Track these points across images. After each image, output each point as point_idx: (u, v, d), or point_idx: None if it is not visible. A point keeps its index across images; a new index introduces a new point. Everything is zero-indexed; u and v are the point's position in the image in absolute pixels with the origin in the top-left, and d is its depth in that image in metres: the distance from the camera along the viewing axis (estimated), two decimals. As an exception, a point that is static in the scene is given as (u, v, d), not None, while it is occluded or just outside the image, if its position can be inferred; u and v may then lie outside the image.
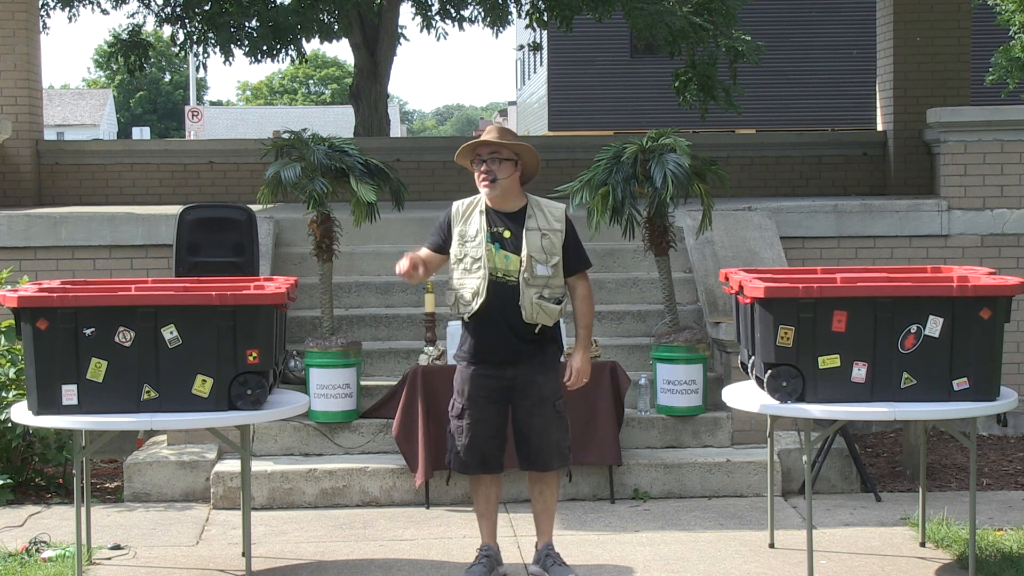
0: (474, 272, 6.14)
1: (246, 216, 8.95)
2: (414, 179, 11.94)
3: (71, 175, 12.49)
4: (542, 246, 6.16)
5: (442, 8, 18.16)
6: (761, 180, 12.58)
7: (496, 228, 6.17)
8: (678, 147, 8.25)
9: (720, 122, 21.32)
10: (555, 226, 6.22)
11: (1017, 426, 9.53)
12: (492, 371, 6.19)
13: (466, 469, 6.34)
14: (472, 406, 6.23)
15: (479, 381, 6.21)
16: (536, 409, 6.23)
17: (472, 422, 6.23)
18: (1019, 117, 9.79)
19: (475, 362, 6.21)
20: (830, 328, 6.01)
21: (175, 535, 7.24)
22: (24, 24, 11.81)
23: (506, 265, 6.13)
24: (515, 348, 6.16)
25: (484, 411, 6.23)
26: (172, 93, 73.96)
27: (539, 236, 6.17)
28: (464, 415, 6.25)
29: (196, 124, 44.87)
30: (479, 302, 6.11)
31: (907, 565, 6.58)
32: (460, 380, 6.29)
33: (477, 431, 6.24)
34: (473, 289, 6.13)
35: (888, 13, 12.29)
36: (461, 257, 6.18)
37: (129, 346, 5.97)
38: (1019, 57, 25.76)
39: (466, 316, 6.17)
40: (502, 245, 6.15)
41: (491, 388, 6.21)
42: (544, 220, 6.22)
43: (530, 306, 6.12)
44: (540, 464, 6.32)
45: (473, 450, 6.26)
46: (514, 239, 6.15)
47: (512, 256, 6.13)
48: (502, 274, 6.12)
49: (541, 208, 6.26)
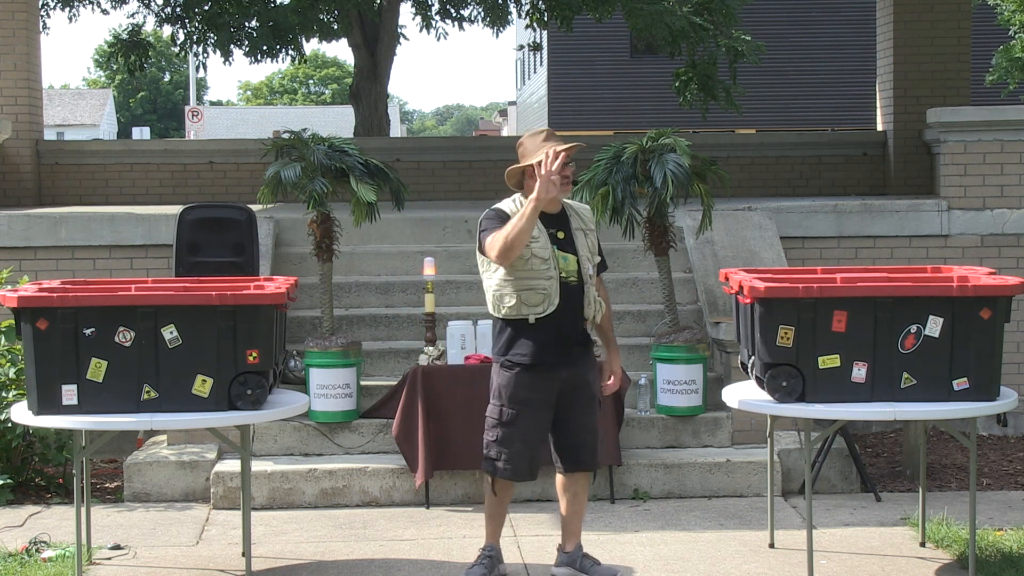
0: (543, 274, 5.99)
1: (246, 216, 8.95)
2: (414, 179, 11.94)
3: (71, 175, 12.50)
4: (588, 245, 6.17)
5: (442, 8, 18.17)
6: (761, 180, 12.58)
7: (551, 229, 6.09)
8: (678, 147, 8.26)
9: (720, 122, 21.31)
10: (590, 226, 6.26)
11: (1017, 426, 9.53)
12: (548, 373, 6.05)
13: (518, 476, 6.16)
14: (527, 411, 6.05)
15: (535, 384, 6.04)
16: (589, 408, 6.17)
17: (526, 427, 6.06)
18: (1019, 117, 9.80)
19: (532, 365, 6.02)
20: (830, 328, 6.01)
21: (175, 535, 7.24)
22: (24, 24, 11.82)
23: (566, 266, 6.05)
24: (572, 349, 6.09)
25: (538, 416, 6.08)
26: (172, 93, 73.96)
27: (584, 235, 6.17)
28: (516, 421, 6.06)
29: (196, 124, 44.86)
30: (556, 302, 6.00)
31: (907, 565, 6.58)
32: (513, 385, 6.07)
33: (531, 437, 6.10)
34: (545, 290, 5.98)
35: (888, 13, 12.29)
36: (528, 257, 5.97)
37: (129, 346, 5.97)
38: (1019, 57, 25.77)
39: (532, 318, 6.02)
40: (559, 246, 6.08)
41: (546, 390, 6.06)
42: (581, 221, 6.21)
43: (593, 303, 6.11)
44: (589, 463, 6.23)
45: (525, 456, 6.11)
46: (567, 239, 6.11)
47: (569, 256, 6.08)
48: (565, 274, 6.05)
49: (574, 209, 6.26)
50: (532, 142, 6.24)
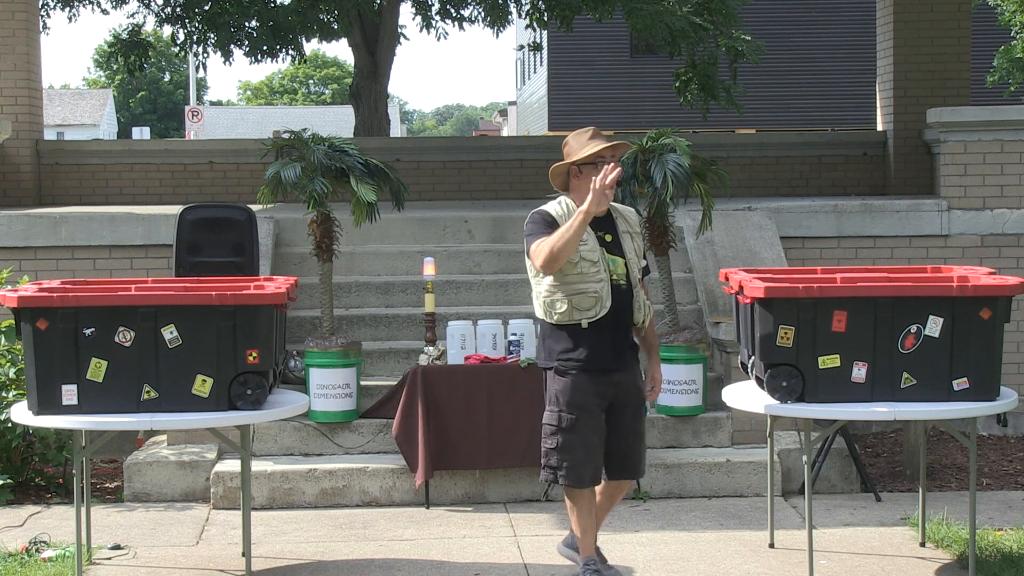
0: (593, 277, 5.89)
1: (246, 216, 8.95)
2: (414, 179, 11.95)
3: (71, 175, 12.50)
4: (635, 248, 6.08)
5: (442, 8, 18.17)
6: (761, 180, 12.58)
7: (599, 232, 5.98)
8: (678, 147, 8.26)
9: (720, 122, 21.33)
10: (637, 229, 6.16)
11: (1017, 426, 9.53)
12: (603, 377, 5.95)
13: (582, 483, 5.97)
14: (586, 415, 5.93)
15: (591, 388, 5.93)
16: (639, 414, 6.09)
17: (587, 432, 5.92)
18: (1019, 117, 9.80)
19: (587, 369, 5.92)
20: (830, 328, 6.01)
21: (175, 535, 7.24)
22: (24, 24, 11.82)
23: (615, 269, 5.96)
24: (623, 352, 6.02)
25: (597, 420, 5.96)
26: (172, 93, 73.95)
27: (630, 238, 6.09)
28: (576, 427, 5.92)
29: (196, 124, 44.85)
30: (608, 306, 5.90)
31: (907, 565, 6.58)
32: (571, 390, 5.95)
33: (592, 442, 5.97)
34: (596, 294, 5.88)
35: (888, 13, 12.29)
36: (576, 261, 5.86)
37: (129, 346, 5.97)
38: (1020, 58, 25.77)
39: (585, 322, 5.91)
40: (608, 249, 5.99)
41: (602, 395, 5.96)
42: (627, 224, 6.11)
43: (643, 307, 6.04)
44: (637, 470, 6.15)
45: (589, 462, 5.95)
46: (615, 242, 6.02)
47: (618, 259, 5.99)
48: (615, 277, 5.96)
49: (620, 212, 6.15)
50: (577, 141, 6.06)
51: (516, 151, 13.06)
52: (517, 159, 12.79)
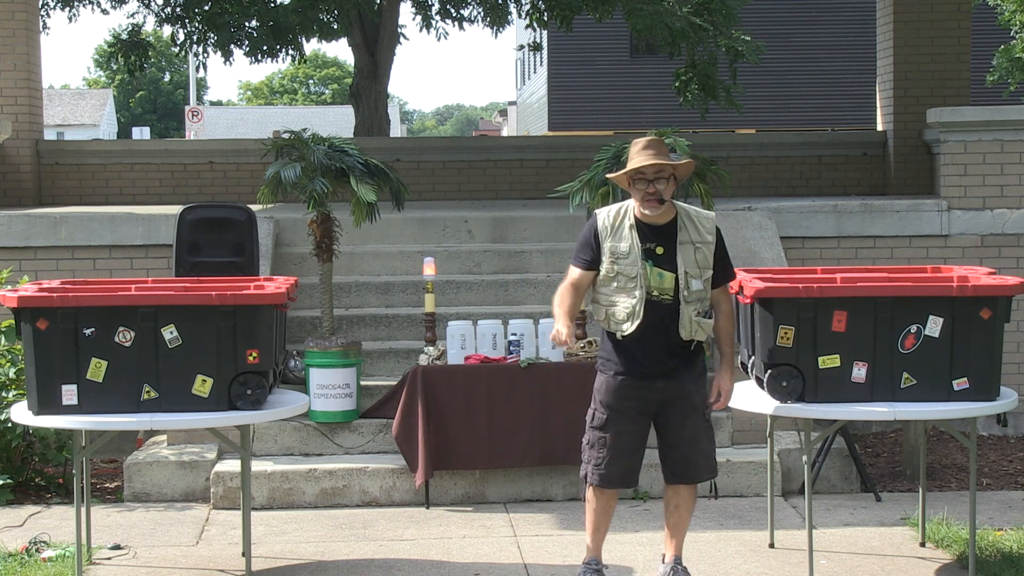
0: (629, 292, 5.80)
1: (246, 216, 8.95)
2: (414, 179, 11.94)
3: (71, 175, 12.49)
4: (696, 260, 5.82)
5: (442, 8, 18.17)
6: (761, 180, 12.58)
7: (648, 244, 5.80)
8: (678, 147, 8.25)
9: (720, 122, 21.32)
10: (707, 238, 5.88)
11: (1017, 426, 9.53)
12: (641, 382, 5.87)
13: (608, 483, 5.97)
14: (617, 417, 5.89)
15: (627, 392, 5.87)
16: (688, 419, 5.93)
17: (616, 434, 5.90)
18: (1019, 117, 9.79)
19: (624, 372, 5.88)
20: (830, 328, 6.01)
21: (175, 535, 7.24)
22: (24, 24, 11.81)
23: (660, 283, 5.78)
24: (668, 363, 5.86)
25: (630, 422, 5.91)
26: (172, 93, 73.95)
27: (692, 250, 5.83)
28: (606, 426, 5.92)
29: (196, 124, 44.85)
30: (636, 323, 5.78)
31: (907, 565, 6.58)
32: (605, 390, 5.93)
33: (621, 443, 5.91)
34: (628, 309, 5.79)
35: (888, 13, 12.28)
36: (613, 275, 5.81)
37: (129, 346, 5.98)
38: (1020, 57, 25.77)
39: (619, 335, 5.84)
40: (656, 262, 5.79)
41: (640, 399, 5.89)
42: (696, 232, 5.86)
43: (689, 324, 5.80)
44: (690, 475, 6.05)
45: (617, 463, 5.93)
46: (668, 255, 5.81)
47: (666, 274, 5.78)
48: (658, 293, 5.78)
49: (691, 218, 5.90)
50: (634, 148, 5.92)
51: (516, 151, 13.05)
52: (517, 159, 12.78)
